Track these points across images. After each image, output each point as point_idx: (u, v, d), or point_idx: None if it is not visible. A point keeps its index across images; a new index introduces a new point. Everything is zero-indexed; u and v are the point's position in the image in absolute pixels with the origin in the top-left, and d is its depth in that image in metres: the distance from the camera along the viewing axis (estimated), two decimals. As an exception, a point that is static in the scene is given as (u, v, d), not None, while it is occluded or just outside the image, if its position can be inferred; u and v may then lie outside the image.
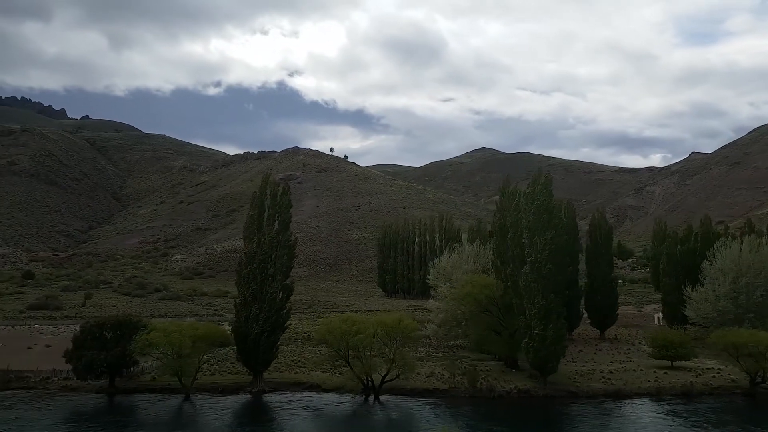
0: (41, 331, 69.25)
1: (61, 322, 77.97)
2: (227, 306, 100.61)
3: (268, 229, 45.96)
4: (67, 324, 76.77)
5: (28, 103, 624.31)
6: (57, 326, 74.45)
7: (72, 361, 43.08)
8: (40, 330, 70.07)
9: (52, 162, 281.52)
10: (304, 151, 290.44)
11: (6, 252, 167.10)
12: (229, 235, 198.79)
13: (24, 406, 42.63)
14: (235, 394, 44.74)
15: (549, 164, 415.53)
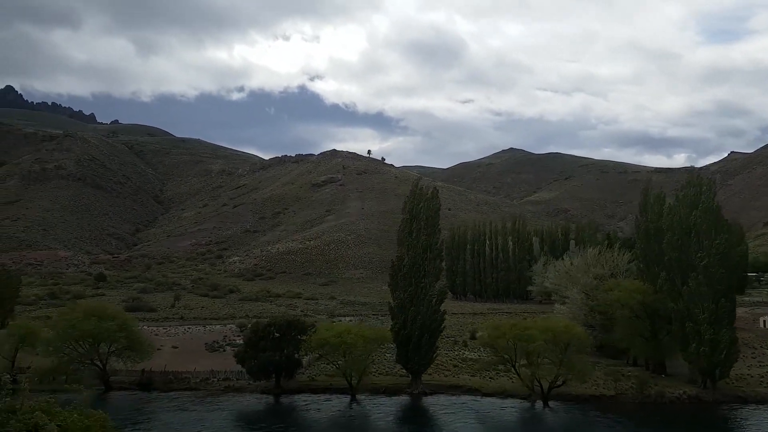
0: (156, 333, 71.07)
1: (166, 323, 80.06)
2: (312, 307, 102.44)
3: (421, 233, 46.77)
4: (175, 325, 78.94)
5: (59, 109, 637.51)
6: (166, 327, 76.47)
7: (246, 361, 44.38)
8: (155, 331, 71.90)
9: (96, 166, 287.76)
10: (342, 153, 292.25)
11: (68, 255, 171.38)
12: (279, 237, 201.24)
13: (197, 407, 44.16)
14: (396, 396, 45.67)
15: (582, 164, 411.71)
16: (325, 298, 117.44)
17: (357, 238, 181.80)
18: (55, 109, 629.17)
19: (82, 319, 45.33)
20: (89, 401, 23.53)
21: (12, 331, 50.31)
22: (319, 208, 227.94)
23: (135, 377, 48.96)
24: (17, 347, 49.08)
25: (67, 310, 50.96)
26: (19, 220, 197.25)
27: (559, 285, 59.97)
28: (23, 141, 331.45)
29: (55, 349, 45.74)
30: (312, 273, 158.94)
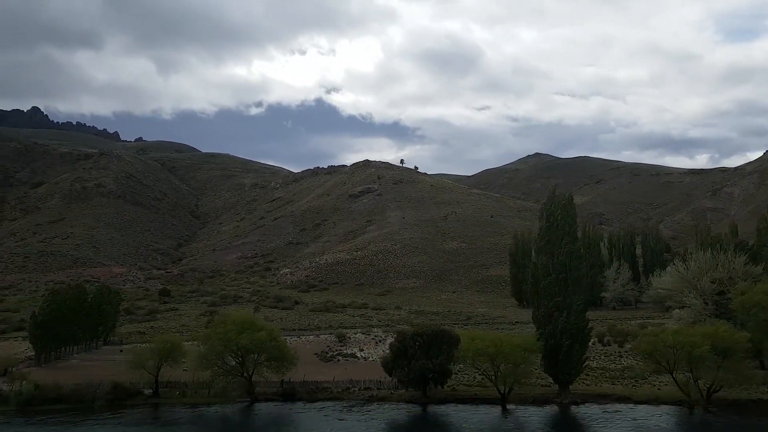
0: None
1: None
2: (384, 316, 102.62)
3: (563, 240, 46.67)
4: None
5: (83, 128, 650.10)
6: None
7: (395, 370, 44.59)
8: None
9: (133, 183, 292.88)
10: (375, 163, 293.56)
11: (122, 271, 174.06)
12: (323, 248, 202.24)
13: (349, 417, 44.46)
14: (544, 406, 45.43)
15: (612, 168, 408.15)
16: (390, 308, 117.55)
17: (403, 248, 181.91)
18: (80, 129, 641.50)
19: (238, 333, 46.16)
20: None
21: (156, 345, 51.28)
22: (359, 218, 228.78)
23: (276, 388, 49.51)
24: (161, 361, 49.98)
25: (219, 324, 51.79)
26: (69, 238, 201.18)
27: (674, 290, 59.27)
28: (59, 160, 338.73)
29: (209, 363, 46.57)
30: (364, 283, 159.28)
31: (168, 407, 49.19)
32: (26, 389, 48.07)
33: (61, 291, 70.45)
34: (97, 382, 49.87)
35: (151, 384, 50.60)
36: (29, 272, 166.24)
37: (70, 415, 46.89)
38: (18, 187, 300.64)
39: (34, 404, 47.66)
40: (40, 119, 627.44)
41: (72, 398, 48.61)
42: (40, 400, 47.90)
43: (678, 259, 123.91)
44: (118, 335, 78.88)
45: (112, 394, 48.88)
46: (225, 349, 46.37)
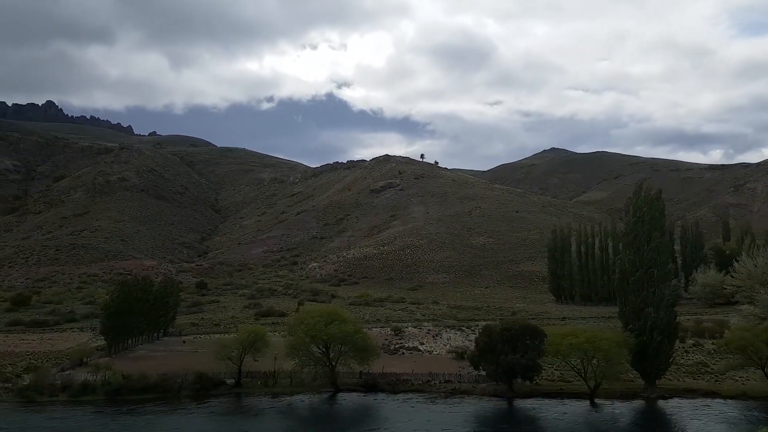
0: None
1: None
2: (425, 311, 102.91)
3: (652, 235, 46.56)
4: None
5: (97, 122, 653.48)
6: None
7: (482, 364, 44.91)
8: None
9: (155, 177, 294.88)
10: (395, 158, 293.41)
11: (153, 264, 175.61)
12: (349, 242, 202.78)
13: (435, 407, 44.86)
14: (631, 400, 45.54)
15: (631, 163, 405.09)
16: (427, 302, 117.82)
17: (430, 243, 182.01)
18: (95, 123, 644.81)
19: (326, 324, 46.71)
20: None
21: (241, 335, 51.92)
22: (382, 213, 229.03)
23: (355, 378, 50.05)
24: (244, 351, 50.61)
25: (304, 315, 52.38)
26: (97, 232, 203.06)
27: (742, 286, 59.05)
28: (80, 154, 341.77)
29: (298, 353, 47.18)
30: (394, 278, 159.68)
31: (251, 397, 49.90)
32: (114, 379, 48.90)
33: (129, 282, 71.31)
34: (183, 372, 50.59)
35: (232, 374, 51.27)
36: (62, 265, 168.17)
37: (159, 405, 47.69)
38: (40, 180, 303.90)
39: (122, 394, 48.51)
40: (55, 113, 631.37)
41: (158, 388, 49.39)
42: (127, 389, 48.73)
43: (711, 255, 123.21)
44: (175, 327, 79.81)
45: (198, 383, 49.62)
46: (313, 339, 46.95)
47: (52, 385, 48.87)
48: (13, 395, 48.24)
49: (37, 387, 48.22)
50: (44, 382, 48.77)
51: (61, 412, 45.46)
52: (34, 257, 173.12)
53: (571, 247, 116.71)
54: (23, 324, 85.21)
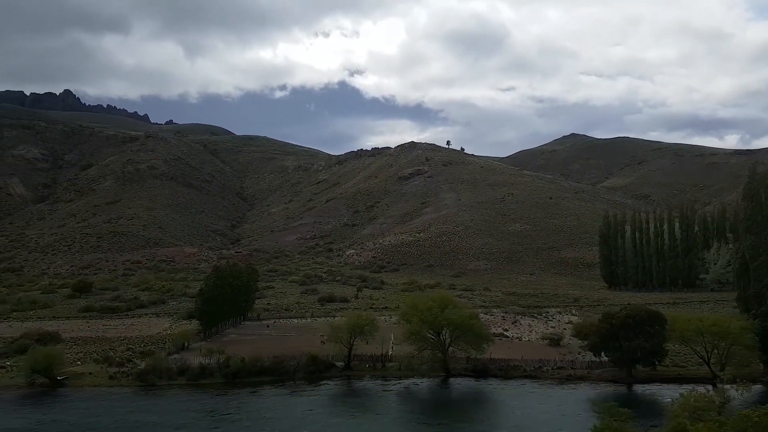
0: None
1: (384, 313, 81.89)
2: (481, 297, 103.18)
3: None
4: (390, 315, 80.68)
5: (114, 111, 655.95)
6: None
7: (604, 350, 45.09)
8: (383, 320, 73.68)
9: (182, 165, 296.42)
10: (421, 145, 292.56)
11: (193, 251, 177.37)
12: (381, 230, 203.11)
13: (554, 393, 45.17)
14: (751, 385, 45.40)
15: (654, 149, 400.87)
16: (478, 289, 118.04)
17: (466, 230, 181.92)
18: (111, 111, 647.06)
19: (441, 310, 47.08)
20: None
21: (350, 320, 52.55)
22: (413, 200, 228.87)
23: (463, 364, 50.54)
24: (354, 335, 51.23)
25: (417, 301, 52.88)
26: (134, 219, 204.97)
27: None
28: (105, 142, 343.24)
29: (415, 338, 47.67)
30: (434, 264, 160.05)
31: (361, 380, 50.61)
32: (233, 363, 49.74)
33: (222, 268, 72.16)
34: (292, 356, 51.39)
35: (341, 357, 51.96)
36: (104, 252, 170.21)
37: (277, 387, 48.55)
38: (67, 169, 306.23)
39: (240, 376, 49.38)
40: (73, 102, 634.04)
41: (273, 371, 50.22)
42: (246, 372, 49.59)
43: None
44: (254, 312, 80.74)
45: (312, 366, 50.37)
46: (429, 325, 47.37)
47: (169, 369, 49.84)
48: (132, 379, 49.31)
49: (155, 371, 49.19)
50: (161, 366, 49.73)
51: (187, 395, 46.49)
52: (77, 245, 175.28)
53: (626, 233, 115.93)
54: (94, 310, 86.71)
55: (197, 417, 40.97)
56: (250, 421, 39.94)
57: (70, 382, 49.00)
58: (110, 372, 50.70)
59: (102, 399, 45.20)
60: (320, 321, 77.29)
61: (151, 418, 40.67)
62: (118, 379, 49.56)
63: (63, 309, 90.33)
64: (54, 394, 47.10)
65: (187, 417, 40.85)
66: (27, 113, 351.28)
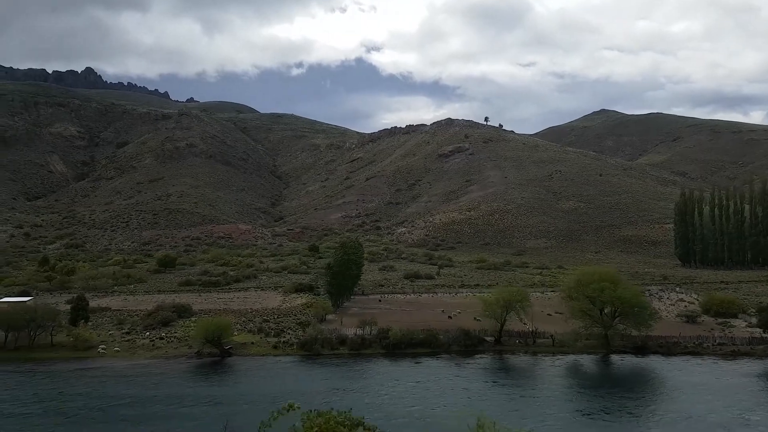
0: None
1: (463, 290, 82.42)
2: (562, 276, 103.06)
3: None
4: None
5: (134, 88, 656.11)
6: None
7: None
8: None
9: (218, 143, 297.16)
10: (458, 122, 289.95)
11: (248, 228, 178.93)
12: (427, 208, 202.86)
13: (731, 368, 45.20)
14: None
15: (689, 125, 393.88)
16: (550, 267, 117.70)
17: (518, 208, 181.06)
18: (131, 89, 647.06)
19: (612, 287, 47.14)
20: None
21: (501, 295, 52.87)
22: (455, 178, 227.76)
23: (625, 341, 50.71)
24: (506, 311, 51.60)
25: (582, 277, 52.95)
26: (184, 197, 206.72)
27: None
28: (139, 120, 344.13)
29: (581, 314, 47.85)
30: (490, 243, 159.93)
31: (513, 355, 51.12)
32: (393, 335, 50.49)
33: (347, 244, 72.86)
34: (445, 329, 52.03)
35: (490, 332, 52.44)
36: (162, 228, 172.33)
37: (436, 358, 49.26)
38: (103, 146, 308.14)
39: (399, 347, 50.16)
40: (95, 80, 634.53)
41: (428, 343, 50.91)
42: (404, 343, 50.34)
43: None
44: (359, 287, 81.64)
45: (467, 340, 50.95)
46: (597, 302, 47.46)
47: (330, 339, 50.73)
48: (296, 348, 50.33)
49: (318, 341, 50.12)
50: (323, 337, 50.66)
51: (359, 363, 47.39)
52: (134, 221, 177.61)
53: (704, 210, 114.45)
54: (194, 284, 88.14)
55: (382, 381, 41.87)
56: (438, 384, 40.75)
57: (236, 351, 50.14)
58: (271, 342, 51.76)
59: (278, 367, 46.34)
60: (425, 297, 78.12)
61: (344, 384, 41.66)
62: (282, 348, 50.59)
63: (159, 283, 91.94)
64: (225, 363, 48.28)
65: (379, 381, 41.81)
66: (60, 91, 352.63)
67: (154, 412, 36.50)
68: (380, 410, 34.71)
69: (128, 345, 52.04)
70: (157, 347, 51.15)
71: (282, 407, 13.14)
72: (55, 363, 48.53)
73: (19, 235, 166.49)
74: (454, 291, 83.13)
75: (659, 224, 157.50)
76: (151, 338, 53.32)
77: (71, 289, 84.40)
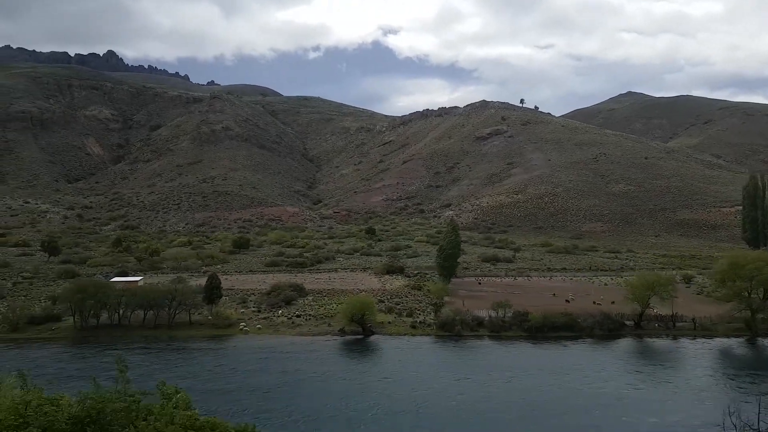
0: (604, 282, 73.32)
1: (563, 274, 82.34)
2: (641, 260, 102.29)
3: None
4: (586, 276, 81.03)
5: (155, 71, 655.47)
6: (575, 276, 78.74)
7: None
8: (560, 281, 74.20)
9: (251, 126, 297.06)
10: (493, 104, 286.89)
11: (295, 211, 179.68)
12: (470, 191, 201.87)
13: None
14: None
15: (720, 107, 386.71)
16: (622, 250, 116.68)
17: (567, 191, 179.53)
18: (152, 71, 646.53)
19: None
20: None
21: (642, 279, 52.66)
22: (495, 160, 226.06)
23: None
24: (650, 294, 51.40)
25: (738, 260, 52.57)
26: (229, 179, 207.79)
27: None
28: (170, 103, 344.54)
29: (735, 296, 47.57)
30: (543, 226, 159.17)
31: (654, 338, 50.99)
32: (533, 318, 50.61)
33: (455, 225, 72.93)
34: (595, 314, 51.92)
35: (629, 316, 52.31)
36: (213, 211, 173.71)
37: (579, 342, 49.32)
38: (137, 129, 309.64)
39: (541, 331, 50.31)
40: (116, 63, 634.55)
41: (568, 327, 50.97)
42: (546, 327, 50.47)
43: None
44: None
45: (609, 323, 50.91)
46: (753, 284, 47.16)
47: (468, 320, 50.99)
48: (434, 329, 50.71)
49: (459, 322, 50.40)
50: (462, 318, 50.91)
51: (506, 346, 47.58)
52: (185, 203, 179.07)
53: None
54: (281, 265, 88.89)
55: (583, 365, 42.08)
56: (601, 371, 40.90)
57: (376, 330, 50.65)
58: (407, 321, 52.20)
59: (436, 347, 46.81)
60: (521, 280, 78.04)
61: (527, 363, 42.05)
62: (421, 328, 51.01)
63: (242, 263, 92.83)
64: (369, 341, 48.79)
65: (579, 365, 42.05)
66: (92, 74, 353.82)
67: (346, 389, 37.07)
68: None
69: (267, 323, 52.74)
70: (298, 325, 51.81)
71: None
72: (198, 341, 49.32)
73: (72, 217, 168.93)
74: (546, 274, 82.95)
75: (716, 208, 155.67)
76: (287, 316, 54.00)
77: (161, 270, 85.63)
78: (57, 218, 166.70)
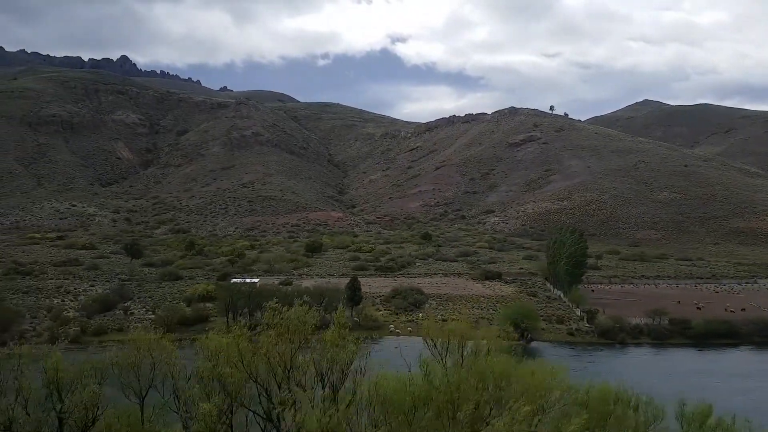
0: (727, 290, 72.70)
1: (656, 281, 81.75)
2: (716, 268, 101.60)
3: None
4: (681, 284, 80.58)
5: (168, 77, 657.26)
6: (677, 284, 78.20)
7: None
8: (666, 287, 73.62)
9: (278, 132, 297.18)
10: (522, 110, 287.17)
11: (339, 215, 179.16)
12: (510, 198, 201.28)
13: None
14: None
15: (742, 116, 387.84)
16: (692, 259, 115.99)
17: (613, 199, 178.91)
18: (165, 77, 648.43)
19: None
20: None
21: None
22: (532, 167, 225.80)
23: None
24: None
25: None
26: (268, 185, 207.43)
27: None
28: (195, 109, 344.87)
29: None
30: (596, 233, 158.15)
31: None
32: (696, 325, 50.12)
33: (580, 231, 72.50)
34: (757, 321, 51.45)
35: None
36: (260, 215, 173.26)
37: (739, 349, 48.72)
38: (164, 134, 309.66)
39: (706, 338, 49.79)
40: (130, 68, 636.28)
41: (730, 334, 50.43)
42: (710, 334, 49.95)
43: None
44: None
45: None
46: None
47: (629, 328, 50.44)
48: (594, 336, 50.16)
49: (621, 329, 49.87)
50: (623, 325, 50.38)
51: (679, 353, 47.00)
52: (232, 208, 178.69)
53: None
54: (368, 269, 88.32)
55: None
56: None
57: (535, 336, 50.10)
58: (561, 329, 51.67)
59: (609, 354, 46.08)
60: (627, 287, 77.45)
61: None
62: (579, 335, 50.49)
63: (323, 267, 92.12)
64: (531, 348, 48.18)
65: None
66: (118, 79, 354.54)
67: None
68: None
69: (412, 325, 52.20)
70: (452, 331, 51.27)
71: None
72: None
73: (120, 220, 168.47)
74: (651, 282, 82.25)
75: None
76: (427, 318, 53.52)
77: (253, 272, 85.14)
78: (105, 221, 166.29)
